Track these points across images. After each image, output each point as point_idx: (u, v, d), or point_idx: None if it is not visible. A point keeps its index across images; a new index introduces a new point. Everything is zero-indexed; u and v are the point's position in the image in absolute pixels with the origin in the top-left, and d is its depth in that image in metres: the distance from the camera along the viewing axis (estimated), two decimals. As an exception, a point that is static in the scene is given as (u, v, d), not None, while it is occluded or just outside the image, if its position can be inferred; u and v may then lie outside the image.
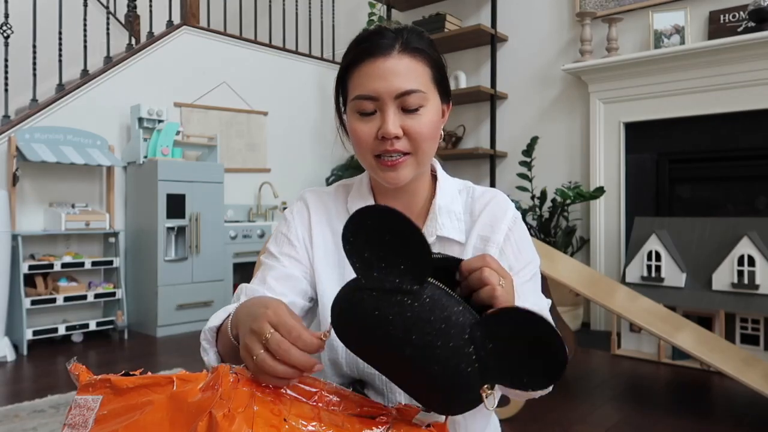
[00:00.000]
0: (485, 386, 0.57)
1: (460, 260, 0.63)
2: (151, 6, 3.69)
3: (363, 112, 0.82)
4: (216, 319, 0.78)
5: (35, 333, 2.90)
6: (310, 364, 0.58)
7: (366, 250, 0.57)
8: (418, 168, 0.85)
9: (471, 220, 0.90)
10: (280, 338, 0.58)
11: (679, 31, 3.18)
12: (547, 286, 2.53)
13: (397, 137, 0.81)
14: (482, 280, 0.61)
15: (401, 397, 0.86)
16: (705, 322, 2.62)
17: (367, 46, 0.82)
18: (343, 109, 0.89)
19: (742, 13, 3.01)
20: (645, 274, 2.79)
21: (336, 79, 0.88)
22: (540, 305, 0.84)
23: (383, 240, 0.56)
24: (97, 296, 3.14)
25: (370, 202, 0.91)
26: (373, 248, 0.57)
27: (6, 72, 3.11)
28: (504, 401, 1.93)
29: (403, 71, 0.81)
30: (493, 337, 0.56)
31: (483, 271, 0.62)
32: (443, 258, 0.64)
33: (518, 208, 2.02)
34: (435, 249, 0.89)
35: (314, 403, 0.60)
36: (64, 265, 3.02)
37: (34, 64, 3.18)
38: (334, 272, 0.88)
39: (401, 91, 0.80)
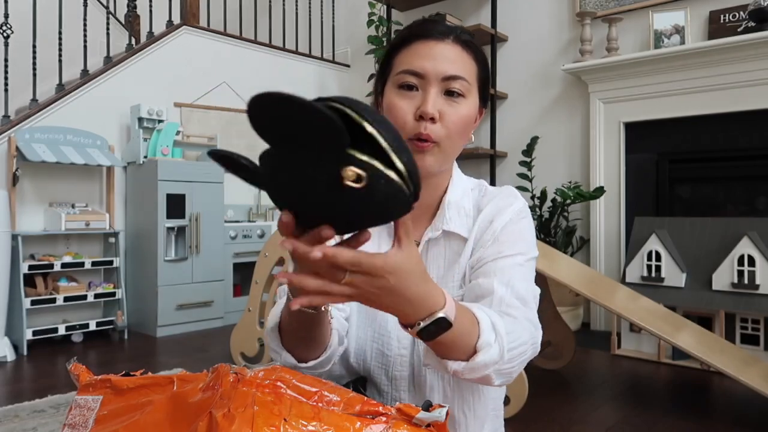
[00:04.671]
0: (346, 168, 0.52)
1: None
2: (151, 6, 3.69)
3: (405, 86, 0.82)
4: (273, 318, 0.80)
5: (35, 333, 2.90)
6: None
7: (279, 131, 0.53)
8: (443, 161, 0.85)
9: (476, 214, 0.90)
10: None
11: (679, 31, 3.18)
12: (547, 286, 2.53)
13: (433, 119, 0.81)
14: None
15: (404, 395, 0.86)
16: (705, 322, 2.61)
17: (423, 29, 0.84)
18: (380, 89, 0.89)
19: (742, 13, 3.01)
20: (645, 274, 2.79)
21: (383, 55, 0.89)
22: (517, 287, 0.81)
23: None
24: (97, 296, 3.14)
25: None
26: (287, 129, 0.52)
27: (6, 72, 3.11)
28: (504, 401, 1.93)
29: (453, 57, 0.83)
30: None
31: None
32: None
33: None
34: (441, 244, 0.89)
35: (314, 403, 0.60)
36: (64, 265, 3.02)
37: (34, 64, 3.18)
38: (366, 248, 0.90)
39: (449, 74, 0.81)
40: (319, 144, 0.52)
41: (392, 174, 0.53)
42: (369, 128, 0.53)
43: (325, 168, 0.52)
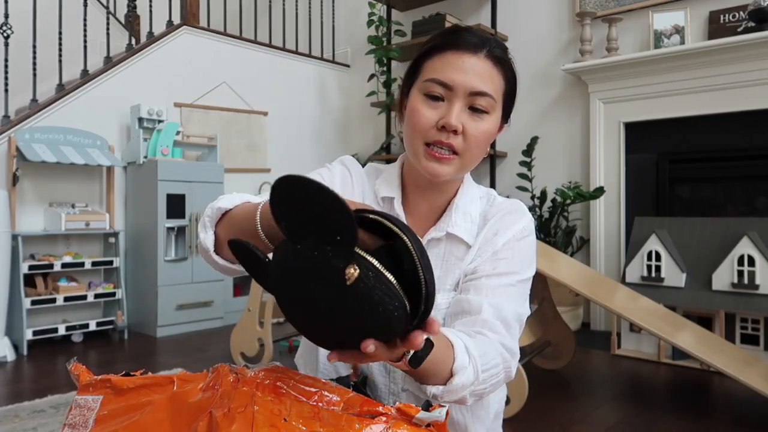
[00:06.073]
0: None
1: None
2: (151, 6, 3.69)
3: (430, 95, 0.83)
4: (227, 201, 0.77)
5: (35, 333, 2.90)
6: None
7: (297, 217, 0.54)
8: (460, 171, 0.86)
9: (482, 224, 0.91)
10: None
11: (679, 31, 3.18)
12: (547, 286, 2.53)
13: (455, 131, 0.81)
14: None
15: (401, 389, 0.87)
16: (705, 322, 2.61)
17: (457, 38, 0.84)
18: (406, 90, 0.89)
19: (742, 13, 3.01)
20: (645, 274, 2.79)
21: (415, 58, 0.89)
22: (504, 311, 0.82)
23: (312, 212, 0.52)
24: (97, 296, 3.14)
25: (398, 191, 0.92)
26: (303, 218, 0.53)
27: (6, 72, 3.11)
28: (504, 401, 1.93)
29: (483, 73, 0.83)
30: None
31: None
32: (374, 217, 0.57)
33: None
34: (442, 246, 0.90)
35: (314, 403, 0.60)
36: (64, 265, 3.02)
37: (34, 64, 3.18)
38: None
39: (476, 90, 0.82)
40: (332, 234, 0.51)
41: (393, 280, 0.53)
42: (404, 237, 0.53)
43: (333, 263, 0.52)
